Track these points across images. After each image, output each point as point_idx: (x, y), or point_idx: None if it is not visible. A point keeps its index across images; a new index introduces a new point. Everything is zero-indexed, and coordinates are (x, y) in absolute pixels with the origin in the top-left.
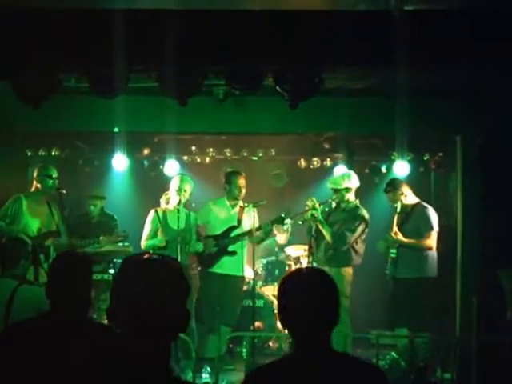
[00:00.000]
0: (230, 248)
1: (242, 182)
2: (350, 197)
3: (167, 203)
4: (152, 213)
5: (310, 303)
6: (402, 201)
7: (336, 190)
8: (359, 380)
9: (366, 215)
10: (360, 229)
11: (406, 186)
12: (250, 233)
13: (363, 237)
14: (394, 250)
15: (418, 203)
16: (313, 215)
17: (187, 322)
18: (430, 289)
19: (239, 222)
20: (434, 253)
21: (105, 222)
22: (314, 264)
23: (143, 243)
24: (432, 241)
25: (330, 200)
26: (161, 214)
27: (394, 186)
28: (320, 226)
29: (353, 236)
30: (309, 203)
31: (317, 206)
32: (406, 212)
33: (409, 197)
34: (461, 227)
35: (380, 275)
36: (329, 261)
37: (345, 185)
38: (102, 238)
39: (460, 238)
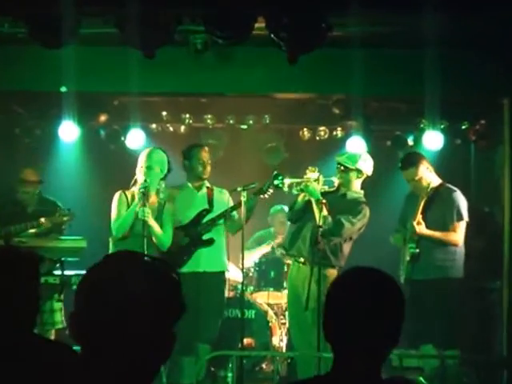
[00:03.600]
0: (205, 236)
1: (205, 155)
2: (357, 184)
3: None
4: (118, 194)
5: (363, 313)
6: (426, 179)
7: (345, 169)
8: None
9: (368, 213)
10: (359, 225)
11: (427, 160)
12: (226, 214)
13: (355, 236)
14: (413, 245)
15: (441, 185)
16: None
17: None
18: (460, 293)
19: (211, 203)
20: (462, 248)
21: (44, 210)
22: (292, 256)
23: (114, 226)
24: (460, 234)
25: (334, 179)
26: (129, 198)
27: (412, 160)
28: (314, 205)
29: (351, 229)
30: (310, 173)
31: (321, 178)
32: (429, 194)
33: (432, 176)
34: (509, 215)
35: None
36: (314, 255)
37: (359, 165)
38: (42, 220)
39: (508, 230)
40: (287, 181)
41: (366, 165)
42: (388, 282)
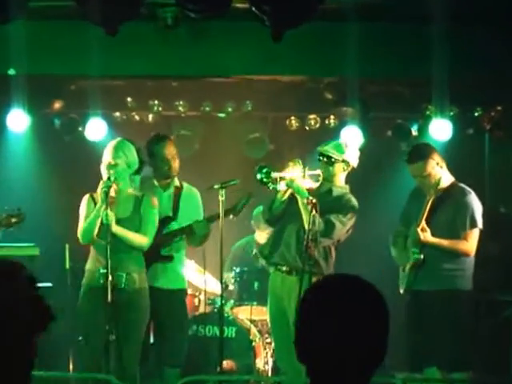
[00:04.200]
0: (164, 251)
1: (170, 150)
2: (342, 178)
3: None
4: (86, 198)
5: (343, 327)
6: (435, 175)
7: (329, 160)
8: None
9: (356, 203)
10: (349, 225)
11: (439, 154)
12: (192, 227)
13: (343, 239)
14: (416, 249)
15: (453, 185)
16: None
17: None
18: (470, 307)
19: (177, 205)
20: (472, 257)
21: None
22: (274, 265)
23: (79, 232)
24: (472, 243)
25: (319, 171)
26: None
27: (421, 152)
28: (301, 205)
29: (342, 229)
30: (293, 168)
31: (306, 173)
32: (438, 195)
33: (443, 173)
34: None
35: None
36: (303, 263)
37: (347, 156)
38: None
39: None
40: (274, 175)
41: (353, 155)
42: (369, 290)
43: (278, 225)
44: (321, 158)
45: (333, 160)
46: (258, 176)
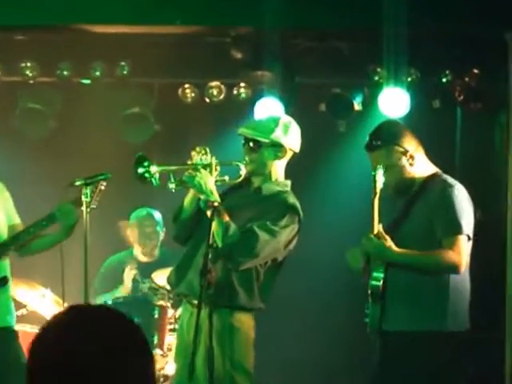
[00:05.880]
0: None
1: None
2: (278, 169)
3: None
4: None
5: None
6: (404, 168)
7: (255, 145)
8: None
9: (297, 205)
10: (285, 236)
11: (414, 137)
12: (55, 216)
13: (281, 257)
14: (378, 274)
15: (434, 176)
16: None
17: None
18: (458, 355)
19: None
20: (464, 278)
21: None
22: (183, 296)
23: None
24: (460, 254)
25: (237, 163)
26: None
27: (385, 135)
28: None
29: (272, 242)
30: (198, 156)
31: (215, 163)
32: (412, 192)
33: (419, 162)
34: None
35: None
36: (209, 293)
37: (277, 135)
38: None
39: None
40: (159, 169)
41: (290, 135)
42: (119, 331)
43: (191, 241)
44: (244, 142)
45: (259, 144)
46: (140, 170)
